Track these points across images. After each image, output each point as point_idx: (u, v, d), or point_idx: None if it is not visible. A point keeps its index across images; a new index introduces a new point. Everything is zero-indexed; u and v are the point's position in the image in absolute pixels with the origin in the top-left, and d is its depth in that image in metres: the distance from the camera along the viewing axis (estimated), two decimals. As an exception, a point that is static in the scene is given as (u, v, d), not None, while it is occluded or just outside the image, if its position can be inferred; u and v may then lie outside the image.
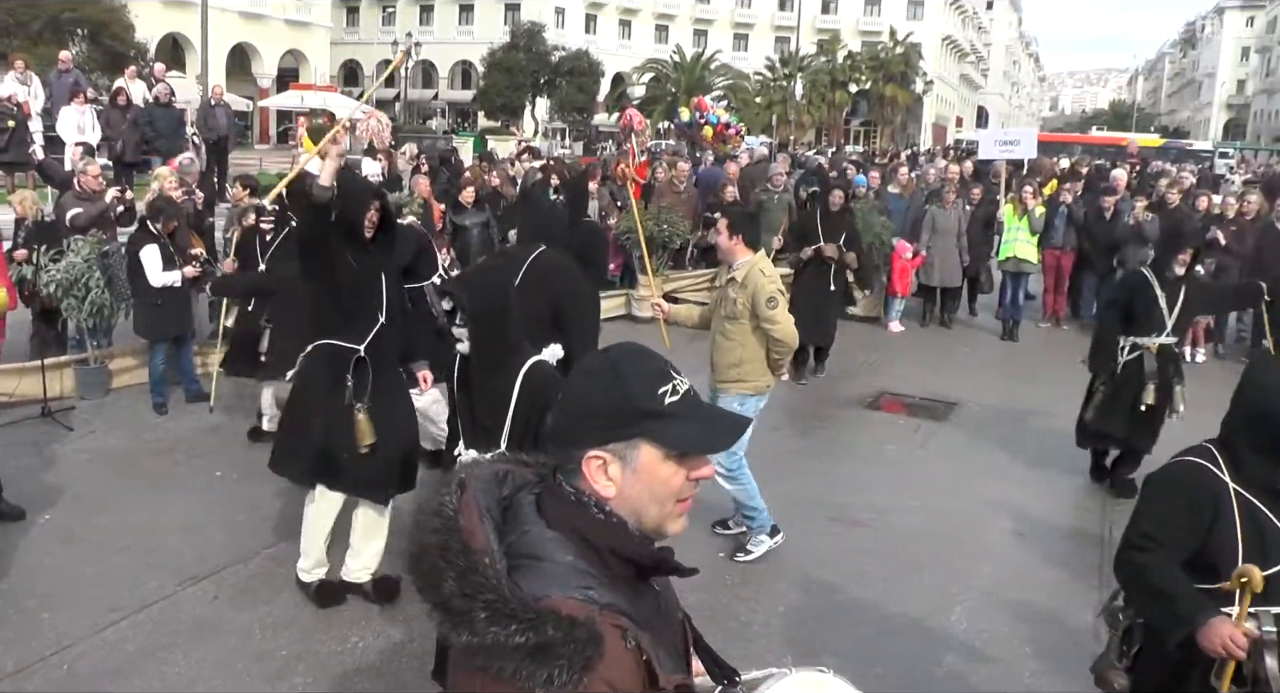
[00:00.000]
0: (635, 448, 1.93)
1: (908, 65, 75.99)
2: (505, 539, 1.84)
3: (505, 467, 2.02)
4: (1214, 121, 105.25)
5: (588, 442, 1.93)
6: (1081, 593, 6.94)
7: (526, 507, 1.94)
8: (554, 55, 61.24)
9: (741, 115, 46.38)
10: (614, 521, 1.93)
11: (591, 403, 1.94)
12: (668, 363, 2.03)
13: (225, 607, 6.23)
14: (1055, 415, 10.34)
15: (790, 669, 2.32)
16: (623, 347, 2.07)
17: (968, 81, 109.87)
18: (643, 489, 1.95)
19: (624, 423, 1.93)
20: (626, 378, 1.95)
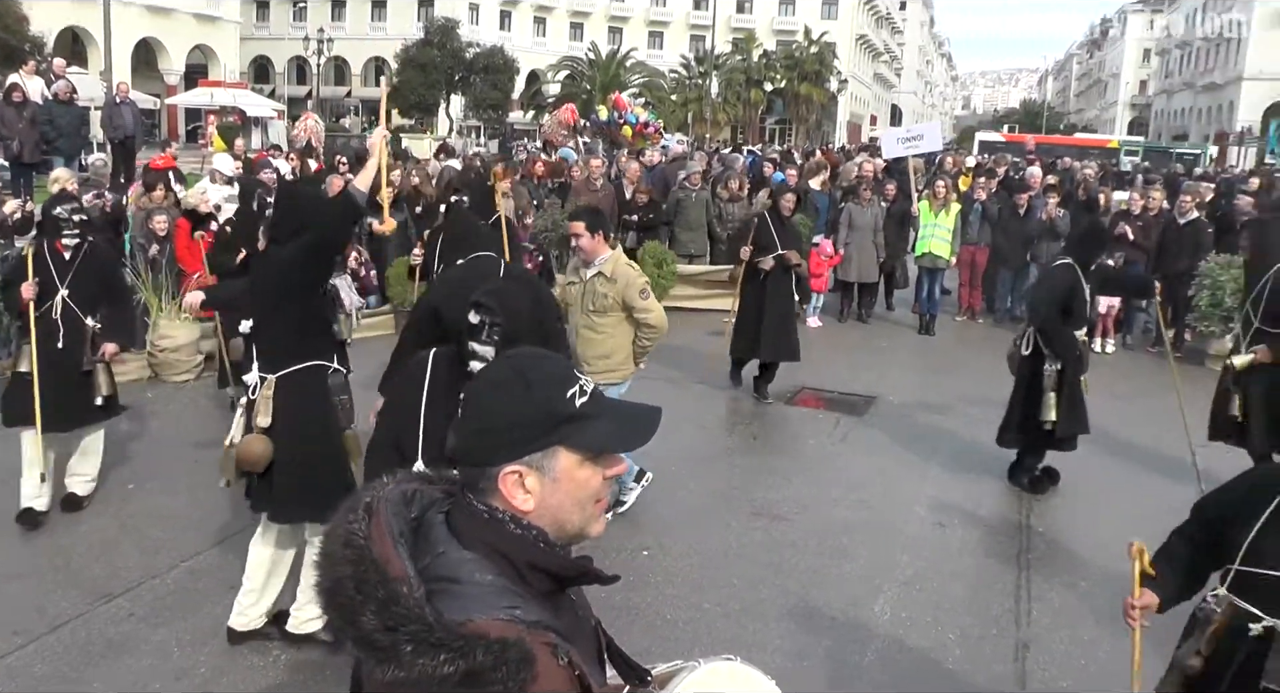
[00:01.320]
0: (553, 456, 1.88)
1: (822, 64, 76.60)
2: (419, 563, 1.75)
3: (412, 486, 1.92)
4: (1119, 120, 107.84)
5: (503, 457, 1.86)
6: (1002, 580, 7.08)
7: (438, 527, 1.85)
8: (468, 52, 60.70)
9: (658, 113, 46.51)
10: (532, 534, 1.87)
11: (503, 416, 1.86)
12: (569, 363, 2.00)
13: (141, 624, 6.02)
14: (972, 408, 10.51)
15: (700, 662, 2.28)
16: (522, 353, 2.02)
17: (881, 80, 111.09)
18: (564, 496, 1.90)
19: (541, 433, 1.87)
20: (536, 385, 1.89)
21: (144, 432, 9.49)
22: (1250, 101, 74.24)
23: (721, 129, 72.22)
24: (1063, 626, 6.49)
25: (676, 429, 9.61)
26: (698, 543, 7.30)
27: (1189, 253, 13.72)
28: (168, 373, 10.96)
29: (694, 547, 7.24)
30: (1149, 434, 10.12)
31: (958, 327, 15.72)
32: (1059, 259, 8.58)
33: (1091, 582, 7.12)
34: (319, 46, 53.85)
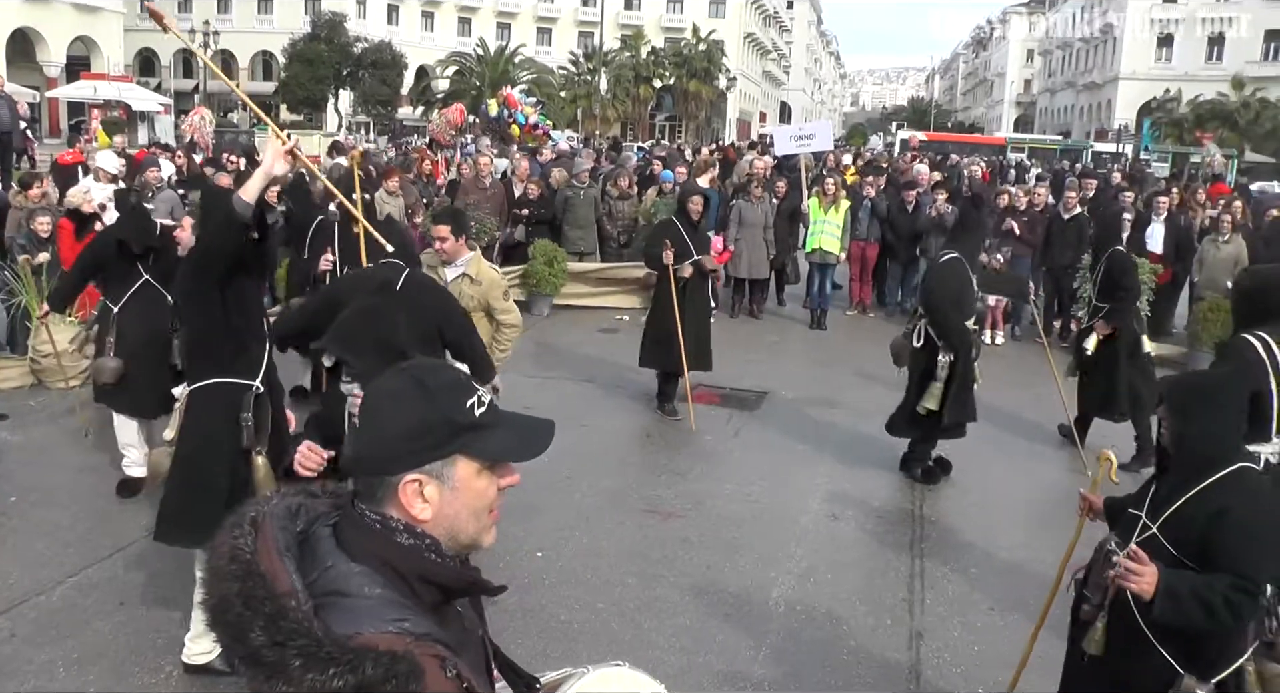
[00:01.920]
0: (452, 465, 1.86)
1: (710, 62, 76.92)
2: (307, 577, 1.72)
3: (298, 500, 1.89)
4: (1005, 118, 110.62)
5: (404, 465, 1.83)
6: (895, 570, 7.16)
7: (324, 540, 1.82)
8: (356, 47, 59.92)
9: (547, 110, 46.32)
10: (425, 544, 1.84)
11: (404, 425, 1.84)
12: (465, 374, 2.00)
13: (24, 645, 5.72)
14: (864, 401, 10.60)
15: (588, 668, 2.31)
16: (418, 363, 2.01)
17: (770, 78, 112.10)
18: (461, 506, 1.88)
19: (442, 441, 1.85)
20: (436, 394, 1.87)
21: (27, 442, 9.06)
22: (1126, 100, 76.61)
23: (611, 125, 72.21)
24: (956, 613, 6.58)
25: (566, 429, 9.53)
26: (592, 543, 7.25)
27: (1073, 246, 14.07)
28: (51, 379, 10.45)
29: (588, 547, 7.19)
30: (1036, 422, 10.34)
31: (848, 321, 15.87)
32: (945, 254, 8.68)
33: (982, 568, 7.25)
34: (205, 39, 52.65)
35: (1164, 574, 3.70)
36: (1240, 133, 60.07)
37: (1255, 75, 67.62)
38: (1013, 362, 13.13)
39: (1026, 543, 7.50)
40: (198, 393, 5.28)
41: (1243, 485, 3.81)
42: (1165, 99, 69.12)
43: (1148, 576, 3.69)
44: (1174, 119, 64.88)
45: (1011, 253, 14.74)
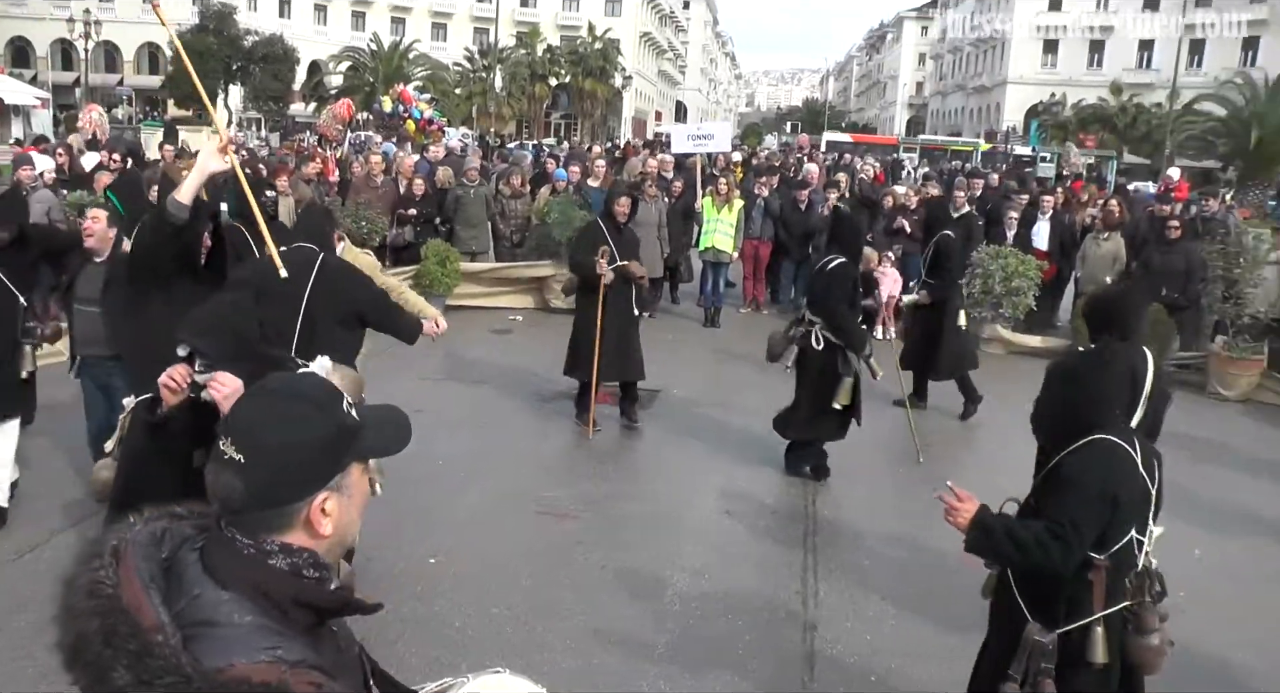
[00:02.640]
0: (348, 473, 1.82)
1: (606, 60, 77.06)
2: (173, 608, 1.63)
3: (161, 525, 1.79)
4: (898, 119, 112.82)
5: (313, 487, 1.77)
6: (787, 564, 7.23)
7: (191, 567, 1.73)
8: (247, 40, 58.72)
9: (442, 107, 45.94)
10: (303, 560, 1.77)
11: (306, 446, 1.77)
12: (323, 379, 1.94)
13: None
14: (757, 398, 10.64)
15: (469, 677, 2.28)
16: (284, 378, 1.96)
17: (666, 77, 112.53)
18: (353, 510, 1.85)
19: (343, 451, 1.82)
20: (324, 405, 1.82)
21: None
22: (1014, 103, 78.88)
23: (507, 123, 71.93)
24: (848, 604, 6.67)
25: (461, 431, 9.49)
26: (485, 547, 7.17)
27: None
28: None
29: (481, 551, 7.10)
30: (922, 418, 10.47)
31: (742, 319, 15.97)
32: (833, 258, 8.76)
33: (874, 560, 7.37)
34: (86, 29, 51.14)
35: (982, 511, 4.04)
36: (1119, 135, 62.16)
37: (1132, 81, 70.36)
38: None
39: (916, 534, 7.61)
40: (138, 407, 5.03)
41: (1089, 449, 4.08)
42: (1051, 102, 71.24)
43: (964, 511, 4.03)
44: (1059, 122, 66.78)
45: (903, 250, 15.04)
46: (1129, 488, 4.07)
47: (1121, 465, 4.09)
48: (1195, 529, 8.10)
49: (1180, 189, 23.60)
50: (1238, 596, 7.22)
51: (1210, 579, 7.32)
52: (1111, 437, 4.13)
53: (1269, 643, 6.53)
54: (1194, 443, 10.23)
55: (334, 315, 6.00)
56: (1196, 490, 8.99)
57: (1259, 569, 7.78)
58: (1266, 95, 43.43)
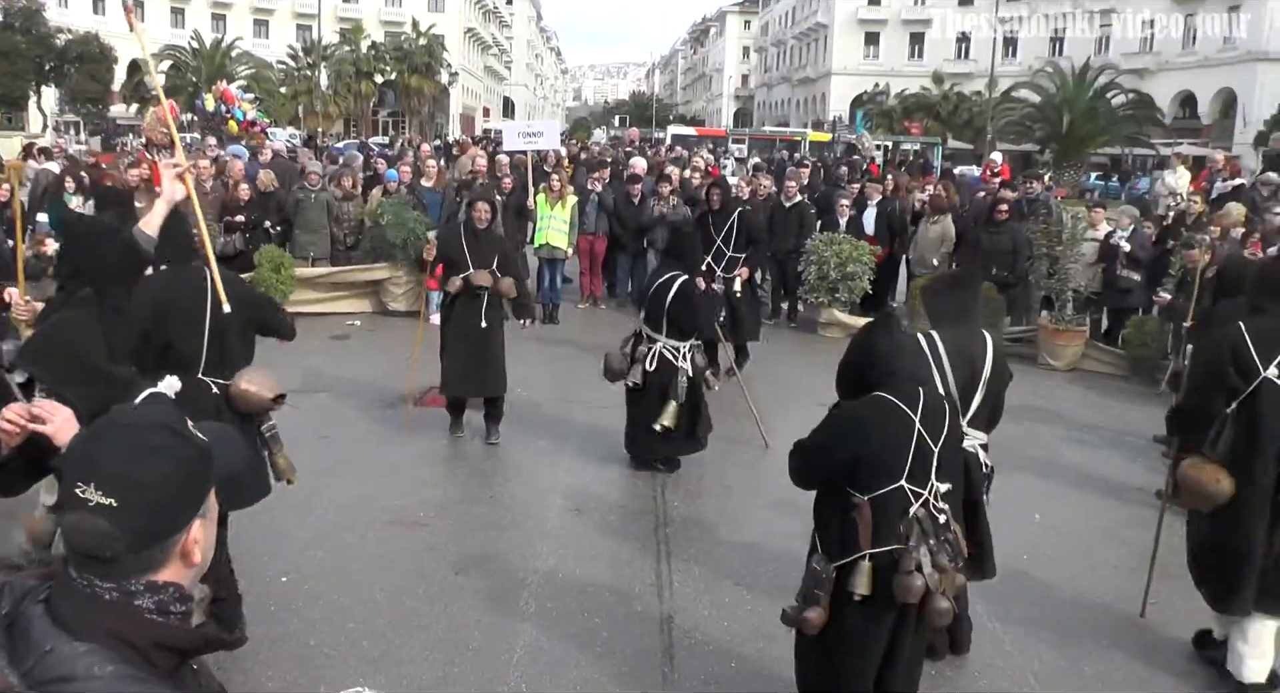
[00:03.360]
0: (209, 496, 1.76)
1: (431, 56, 76.18)
2: (21, 668, 1.54)
3: (1, 578, 1.68)
4: (725, 111, 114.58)
5: (189, 515, 1.71)
6: (640, 557, 7.27)
7: (38, 621, 1.62)
8: (58, 38, 55.62)
9: (266, 106, 44.85)
10: (170, 594, 1.70)
11: (180, 475, 1.70)
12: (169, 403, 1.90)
13: None
14: (599, 393, 10.62)
15: None
16: (131, 411, 1.86)
17: (492, 73, 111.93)
18: (210, 534, 1.79)
19: (206, 477, 1.75)
20: (180, 431, 1.74)
21: None
22: (839, 94, 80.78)
23: (334, 122, 70.67)
24: (703, 593, 6.73)
25: (302, 443, 9.16)
26: (336, 560, 7.00)
27: (794, 232, 14.74)
28: None
29: (332, 565, 6.93)
30: (766, 404, 10.58)
31: (581, 314, 15.99)
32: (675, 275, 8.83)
33: (725, 547, 7.46)
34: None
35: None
36: (943, 122, 64.35)
37: (951, 71, 72.90)
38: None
39: (767, 518, 7.71)
40: None
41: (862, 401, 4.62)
42: (875, 92, 73.24)
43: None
44: (884, 110, 68.74)
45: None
46: (878, 439, 4.51)
47: (877, 417, 4.54)
48: (1034, 493, 8.53)
49: (1003, 171, 24.46)
50: (1075, 552, 7.63)
51: (1050, 540, 7.69)
52: (888, 394, 4.55)
53: (1105, 597, 6.85)
54: (1029, 412, 10.63)
55: (237, 326, 5.79)
56: (1032, 455, 9.55)
57: (1090, 525, 8.25)
58: (1074, 83, 45.43)
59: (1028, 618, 6.50)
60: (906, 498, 4.49)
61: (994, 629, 6.31)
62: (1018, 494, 7.90)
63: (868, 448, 4.49)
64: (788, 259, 14.99)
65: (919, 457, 4.50)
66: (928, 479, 4.53)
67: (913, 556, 4.43)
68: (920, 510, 4.50)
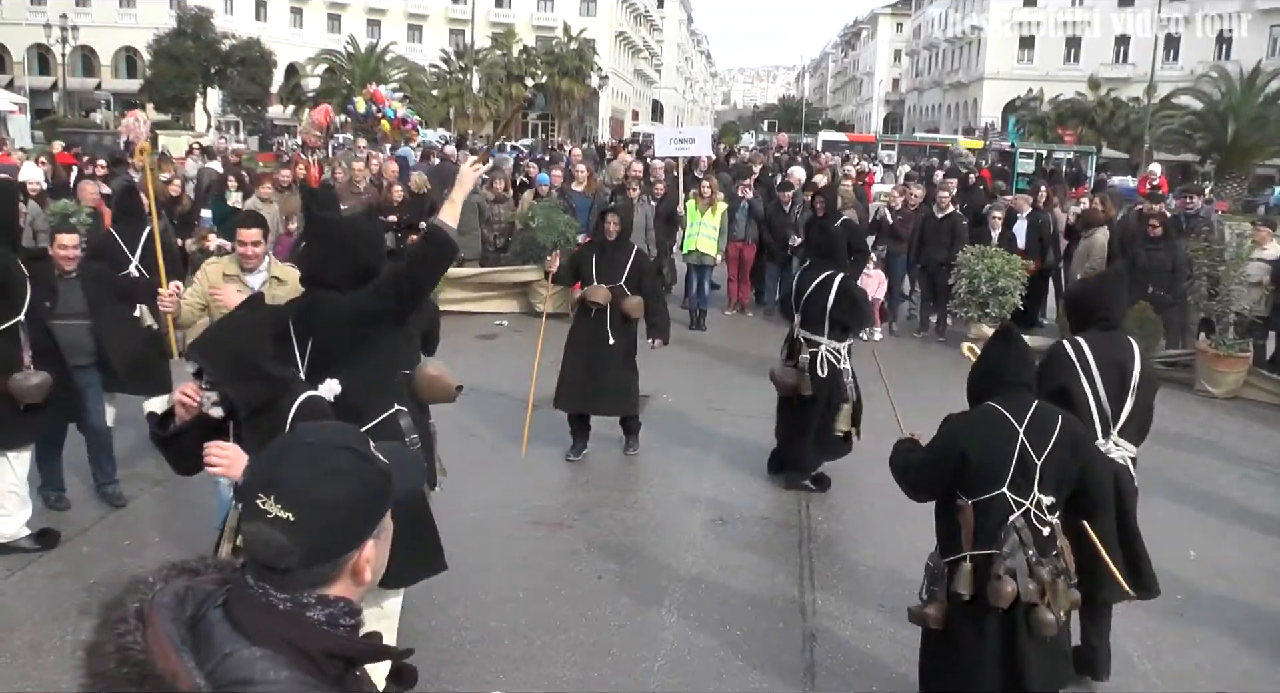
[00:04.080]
0: (386, 517, 1.81)
1: (582, 60, 76.86)
2: (205, 669, 1.59)
3: (183, 582, 1.73)
4: (875, 116, 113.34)
5: (363, 536, 1.76)
6: (783, 573, 7.19)
7: (218, 624, 1.68)
8: (224, 43, 58.27)
9: (418, 108, 45.75)
10: (340, 608, 1.75)
11: (359, 498, 1.74)
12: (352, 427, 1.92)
13: None
14: (747, 402, 10.60)
15: None
16: (319, 427, 1.93)
17: (642, 77, 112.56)
18: (384, 551, 1.83)
19: (385, 500, 1.79)
20: (364, 454, 1.79)
21: None
22: (991, 99, 79.03)
23: (484, 124, 71.77)
24: (846, 613, 6.64)
25: (449, 440, 9.29)
26: (479, 558, 7.05)
27: (946, 245, 14.45)
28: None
29: (475, 563, 6.97)
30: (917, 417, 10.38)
31: (728, 321, 15.93)
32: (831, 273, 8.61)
33: (869, 567, 7.34)
34: (63, 33, 50.67)
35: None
36: (1097, 130, 62.42)
37: (1108, 76, 70.53)
38: (891, 359, 13.24)
39: (912, 538, 7.54)
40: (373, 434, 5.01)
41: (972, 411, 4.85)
42: (1028, 98, 71.42)
43: None
44: (1037, 117, 66.96)
45: (887, 250, 15.11)
46: (982, 448, 4.62)
47: (983, 427, 4.69)
48: (1188, 527, 8.14)
49: (1162, 184, 23.70)
50: (1236, 597, 7.19)
51: (1207, 578, 7.33)
52: (997, 404, 4.68)
53: (1265, 644, 6.52)
54: (1184, 440, 10.25)
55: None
56: (1187, 486, 9.08)
57: (1253, 566, 7.77)
58: (1241, 88, 43.59)
59: (1181, 669, 6.21)
60: (1008, 506, 4.59)
61: (1145, 672, 6.07)
62: (1170, 527, 7.57)
63: (970, 456, 4.62)
64: (938, 271, 14.72)
65: (1021, 467, 4.59)
66: (1030, 490, 4.60)
67: (1005, 561, 4.53)
68: (1020, 520, 4.58)
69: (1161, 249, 13.41)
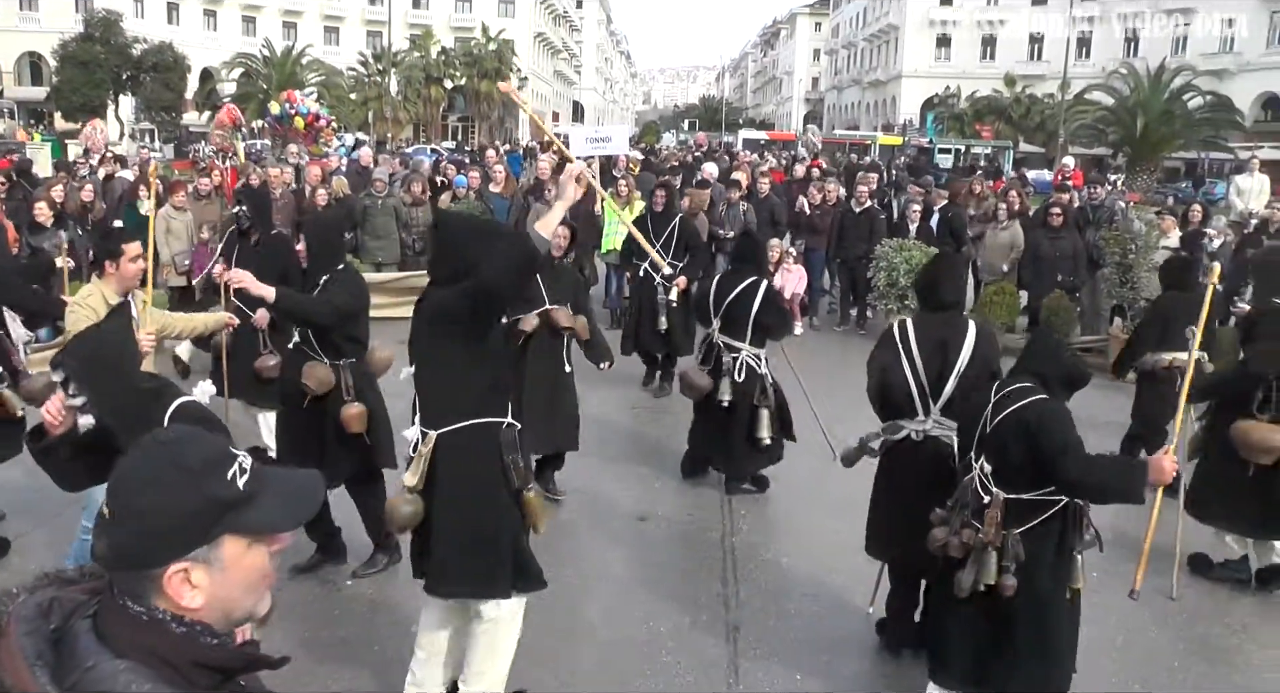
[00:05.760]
0: (219, 546, 1.72)
1: (501, 61, 76.68)
2: (66, 682, 1.56)
3: (49, 594, 1.70)
4: (795, 114, 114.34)
5: (167, 556, 1.68)
6: (706, 569, 7.24)
7: (83, 636, 1.65)
8: (135, 48, 56.75)
9: (336, 111, 45.29)
10: (196, 629, 1.70)
11: (165, 514, 1.68)
12: (223, 441, 1.84)
13: None
14: (667, 401, 10.61)
15: None
16: (173, 437, 1.84)
17: (562, 77, 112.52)
18: (234, 585, 1.75)
19: (206, 525, 1.71)
20: (196, 473, 1.72)
21: None
22: (910, 96, 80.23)
23: (404, 127, 71.30)
24: (770, 604, 6.70)
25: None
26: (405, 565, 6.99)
27: (864, 238, 14.62)
28: None
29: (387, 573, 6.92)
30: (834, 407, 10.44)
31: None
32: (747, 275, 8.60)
33: (792, 560, 7.40)
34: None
35: None
36: (1014, 126, 63.64)
37: (1023, 73, 72.35)
38: (812, 353, 13.35)
39: (834, 529, 7.59)
40: (459, 437, 4.94)
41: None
42: (946, 95, 72.57)
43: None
44: (955, 114, 68.08)
45: (806, 245, 15.24)
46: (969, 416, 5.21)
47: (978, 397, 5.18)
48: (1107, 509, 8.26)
49: (1076, 177, 24.16)
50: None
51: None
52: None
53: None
54: (1097, 425, 10.39)
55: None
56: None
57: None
58: (1149, 84, 44.71)
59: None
60: (970, 467, 5.03)
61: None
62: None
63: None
64: (857, 265, 14.89)
65: (964, 433, 5.15)
66: (977, 458, 4.98)
67: (939, 512, 5.10)
68: (968, 481, 5.03)
69: (1064, 237, 13.88)
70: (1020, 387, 4.92)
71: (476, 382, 4.95)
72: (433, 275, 5.22)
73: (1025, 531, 4.78)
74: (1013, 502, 4.80)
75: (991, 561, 4.76)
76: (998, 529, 4.78)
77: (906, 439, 5.85)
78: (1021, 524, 4.78)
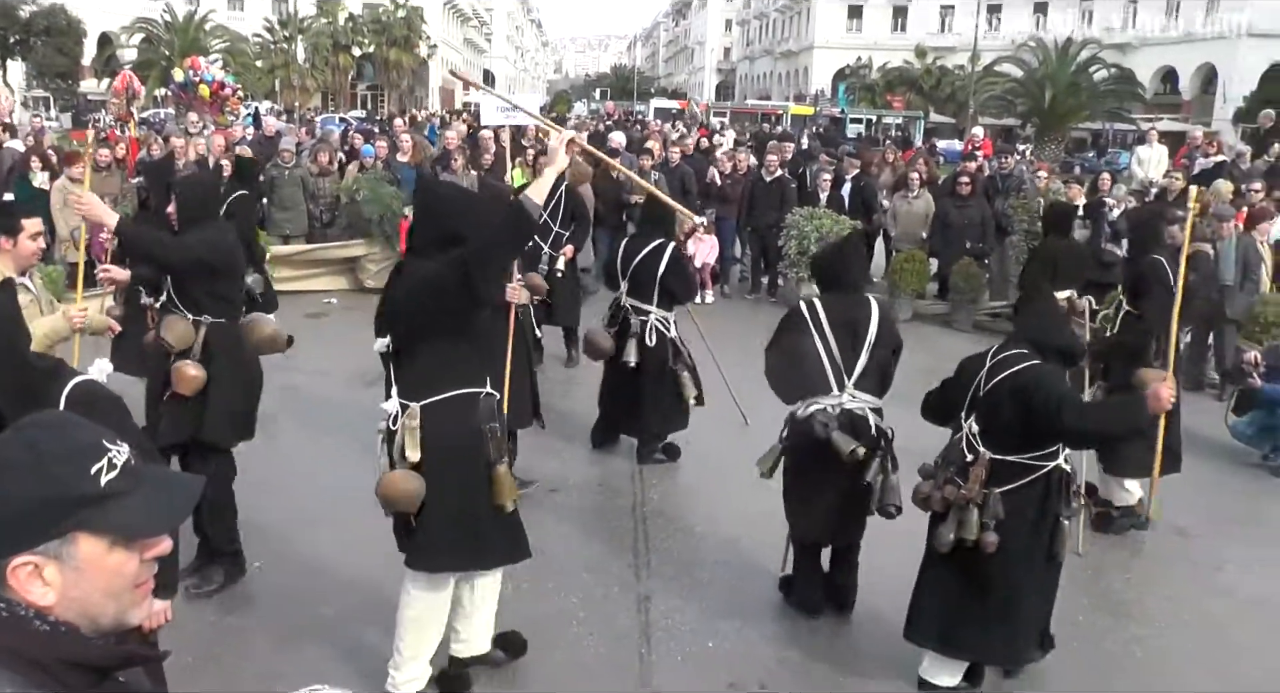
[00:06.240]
0: (72, 543, 1.62)
1: (410, 29, 75.67)
2: None
3: None
4: (707, 84, 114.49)
5: (9, 548, 1.58)
6: (616, 539, 7.29)
7: None
8: (23, 10, 54.45)
9: (242, 79, 44.34)
10: (61, 629, 1.61)
11: (8, 502, 1.58)
12: (101, 431, 1.72)
13: None
14: (575, 370, 10.56)
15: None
16: (40, 421, 1.73)
17: (472, 46, 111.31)
18: (91, 587, 1.65)
19: (54, 519, 1.61)
20: (49, 462, 1.62)
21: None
22: (822, 67, 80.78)
23: (312, 96, 70.17)
24: (681, 572, 6.73)
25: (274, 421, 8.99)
26: (309, 554, 6.84)
27: (775, 207, 14.70)
28: None
29: (310, 554, 6.81)
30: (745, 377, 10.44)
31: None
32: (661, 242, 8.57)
33: (703, 529, 7.43)
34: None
35: None
36: (925, 97, 64.44)
37: (934, 45, 73.15)
38: (724, 320, 13.38)
39: (745, 496, 7.58)
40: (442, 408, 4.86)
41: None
42: (858, 66, 73.20)
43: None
44: (866, 84, 68.72)
45: (716, 214, 15.26)
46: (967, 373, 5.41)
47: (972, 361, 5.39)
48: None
49: (985, 146, 24.48)
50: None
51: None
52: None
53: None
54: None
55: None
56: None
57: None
58: (1057, 57, 45.51)
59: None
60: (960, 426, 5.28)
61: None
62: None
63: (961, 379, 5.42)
64: (768, 233, 14.95)
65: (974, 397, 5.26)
66: (967, 418, 5.24)
67: (926, 465, 5.34)
68: (956, 439, 5.28)
69: (972, 205, 14.18)
70: (1017, 352, 5.10)
71: (460, 353, 4.88)
72: (413, 244, 5.10)
73: (1007, 491, 4.96)
74: (998, 462, 5.01)
75: (973, 517, 4.95)
76: (981, 486, 4.96)
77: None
78: (1003, 485, 4.97)
